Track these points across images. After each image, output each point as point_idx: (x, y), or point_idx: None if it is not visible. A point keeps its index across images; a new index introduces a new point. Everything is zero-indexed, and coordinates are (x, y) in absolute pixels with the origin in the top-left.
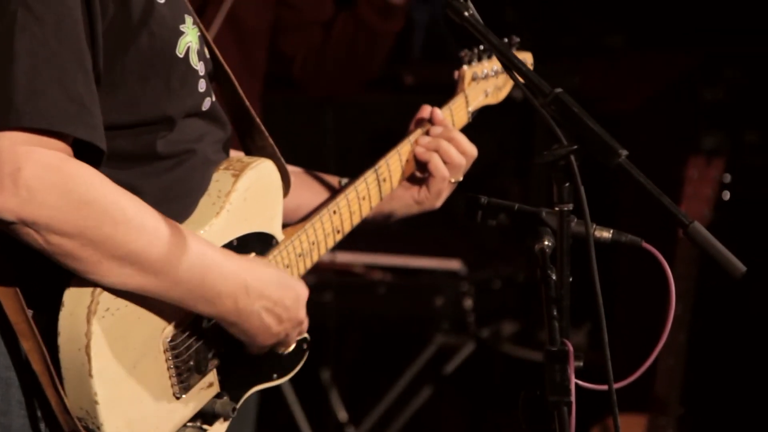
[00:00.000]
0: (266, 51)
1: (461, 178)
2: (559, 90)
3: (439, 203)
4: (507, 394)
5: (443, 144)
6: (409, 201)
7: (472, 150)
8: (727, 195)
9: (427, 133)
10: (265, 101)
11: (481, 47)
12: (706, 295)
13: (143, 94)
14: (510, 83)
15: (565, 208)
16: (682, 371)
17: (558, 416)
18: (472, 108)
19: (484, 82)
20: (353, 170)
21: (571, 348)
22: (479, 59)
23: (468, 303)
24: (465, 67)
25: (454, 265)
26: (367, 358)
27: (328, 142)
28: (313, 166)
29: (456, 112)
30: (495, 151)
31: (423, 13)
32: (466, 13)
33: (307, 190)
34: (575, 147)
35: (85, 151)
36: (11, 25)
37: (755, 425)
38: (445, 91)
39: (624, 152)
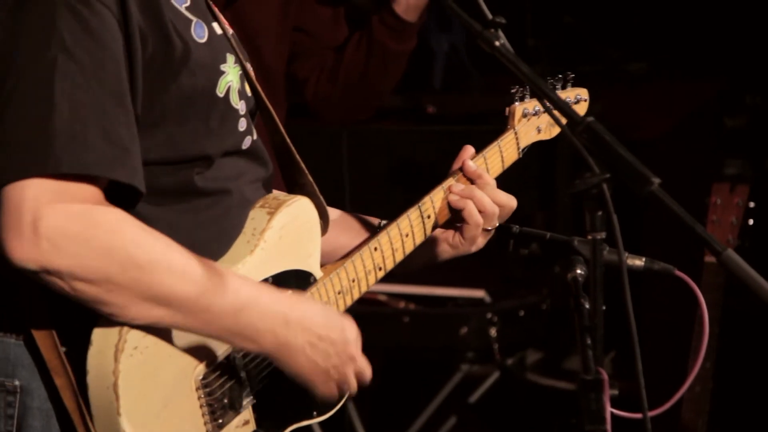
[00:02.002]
0: (285, 79)
1: (497, 224)
2: (591, 119)
3: (474, 249)
4: (531, 423)
5: (477, 193)
6: (444, 246)
7: (508, 201)
8: (751, 221)
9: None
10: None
11: None
12: (731, 321)
13: (182, 133)
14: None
15: (598, 237)
16: (708, 398)
17: None
18: (523, 144)
19: (536, 119)
20: (372, 200)
21: (606, 376)
22: (531, 96)
23: (493, 332)
24: (516, 103)
25: (478, 293)
26: (391, 387)
27: (345, 171)
28: (331, 195)
29: (505, 149)
30: (517, 181)
31: (442, 42)
32: (497, 43)
33: (346, 232)
34: (608, 176)
35: (121, 194)
36: (51, 71)
37: None
38: (465, 122)
39: (657, 180)
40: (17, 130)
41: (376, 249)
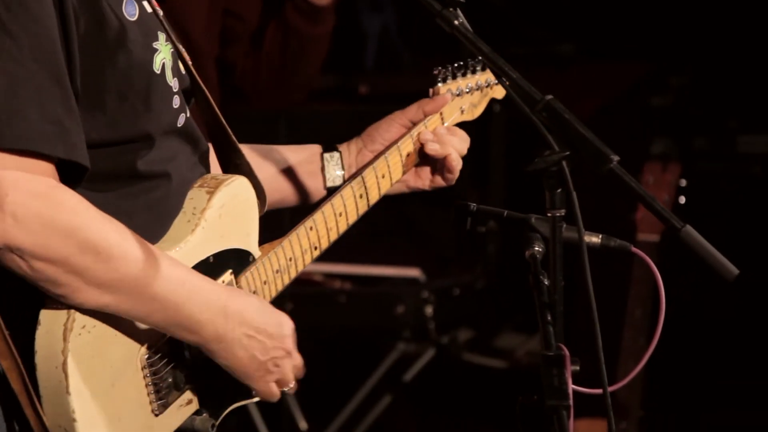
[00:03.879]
0: (215, 63)
1: None
2: (550, 97)
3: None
4: (467, 401)
5: (454, 140)
6: (401, 186)
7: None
8: (683, 199)
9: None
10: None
11: (456, 64)
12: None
13: (122, 112)
14: (486, 99)
15: (558, 214)
16: (642, 375)
17: (558, 420)
18: (447, 124)
19: (459, 100)
20: None
21: (567, 352)
22: (453, 77)
23: (428, 310)
24: (440, 84)
25: (413, 272)
26: (327, 366)
27: None
28: None
29: (432, 129)
30: None
31: (375, 23)
32: (456, 22)
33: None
34: (567, 153)
35: (67, 170)
36: None
37: (714, 427)
38: (399, 102)
39: (616, 158)
40: None
41: (311, 228)
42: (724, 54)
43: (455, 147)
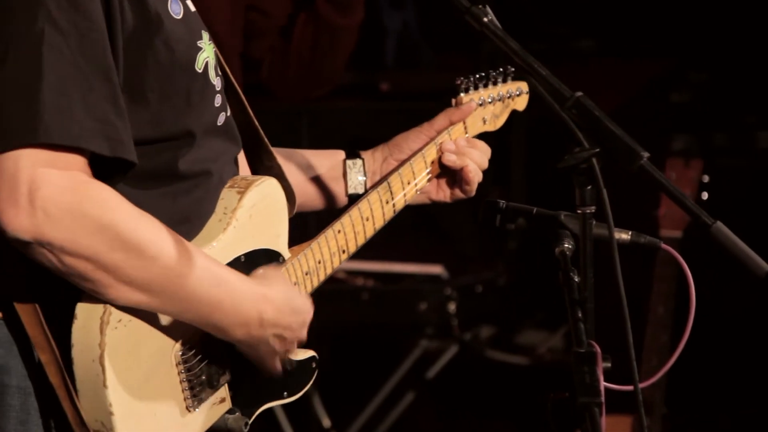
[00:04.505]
0: (239, 59)
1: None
2: (579, 94)
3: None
4: (488, 397)
5: (474, 152)
6: (422, 198)
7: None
8: (705, 195)
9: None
10: None
11: (478, 75)
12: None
13: (165, 110)
14: (508, 111)
15: (588, 211)
16: (665, 373)
17: (590, 417)
18: (470, 135)
19: (482, 110)
20: None
21: (598, 349)
22: (476, 87)
23: (451, 307)
24: (462, 94)
25: (436, 269)
26: (350, 363)
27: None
28: None
29: (454, 138)
30: None
31: (395, 20)
32: (485, 19)
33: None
34: (597, 150)
35: (112, 166)
36: (39, 42)
37: (737, 425)
38: (419, 98)
39: (646, 154)
40: (7, 102)
41: (339, 231)
42: (742, 50)
43: (474, 159)
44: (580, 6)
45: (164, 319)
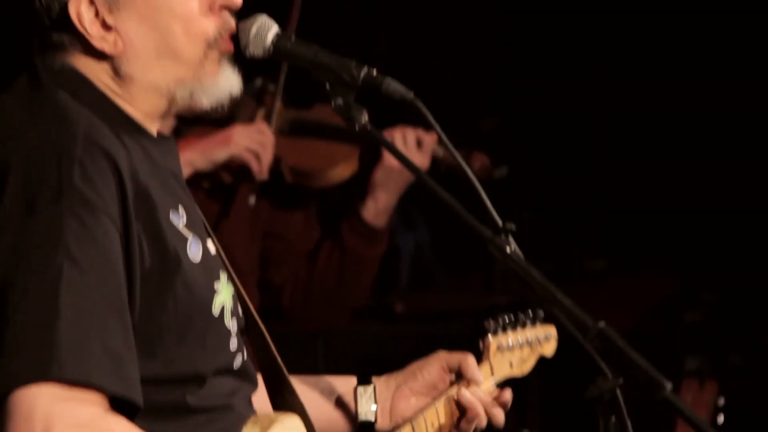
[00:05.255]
0: (257, 285)
1: None
2: (602, 324)
3: None
4: None
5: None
6: None
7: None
8: (721, 419)
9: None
10: None
11: (507, 318)
12: None
13: (179, 353)
14: (535, 356)
15: None
16: None
17: None
18: (497, 379)
19: (510, 354)
20: None
21: None
22: (504, 330)
23: None
24: (490, 336)
25: None
26: None
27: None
28: None
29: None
30: None
31: (408, 241)
32: (508, 249)
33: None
34: (621, 381)
35: (121, 404)
36: (57, 278)
37: None
38: (433, 320)
39: (669, 385)
40: (24, 336)
41: None
42: (754, 270)
43: (493, 415)
44: (592, 225)
45: None
